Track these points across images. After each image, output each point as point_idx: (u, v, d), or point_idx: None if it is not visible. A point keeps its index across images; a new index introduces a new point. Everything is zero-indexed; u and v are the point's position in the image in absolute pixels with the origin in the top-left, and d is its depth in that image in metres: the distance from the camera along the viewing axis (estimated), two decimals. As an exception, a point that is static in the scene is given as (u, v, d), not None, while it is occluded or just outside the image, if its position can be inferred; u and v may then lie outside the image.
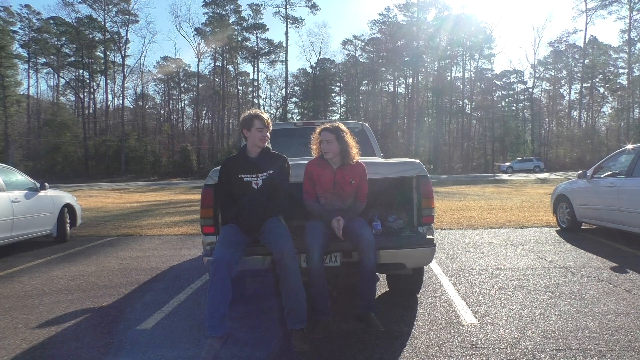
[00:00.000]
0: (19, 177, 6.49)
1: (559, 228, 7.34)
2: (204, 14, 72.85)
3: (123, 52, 53.56)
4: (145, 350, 2.78)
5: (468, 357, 2.58)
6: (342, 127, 3.18)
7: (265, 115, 3.11)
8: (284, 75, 59.75)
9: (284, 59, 58.81)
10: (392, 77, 61.19)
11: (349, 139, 3.16)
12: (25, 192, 6.27)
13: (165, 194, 21.82)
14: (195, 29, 56.10)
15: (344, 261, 3.08)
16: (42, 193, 6.62)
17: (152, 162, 50.69)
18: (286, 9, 56.40)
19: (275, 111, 61.08)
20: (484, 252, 5.57)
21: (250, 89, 62.19)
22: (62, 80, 56.41)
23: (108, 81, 56.11)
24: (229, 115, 59.72)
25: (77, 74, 55.48)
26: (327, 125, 3.18)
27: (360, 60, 61.40)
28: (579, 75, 55.39)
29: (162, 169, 49.54)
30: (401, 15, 57.95)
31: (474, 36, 54.31)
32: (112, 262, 5.56)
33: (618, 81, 55.28)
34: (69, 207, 7.29)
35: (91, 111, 54.78)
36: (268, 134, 3.09)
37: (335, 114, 63.21)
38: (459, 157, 54.42)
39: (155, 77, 59.50)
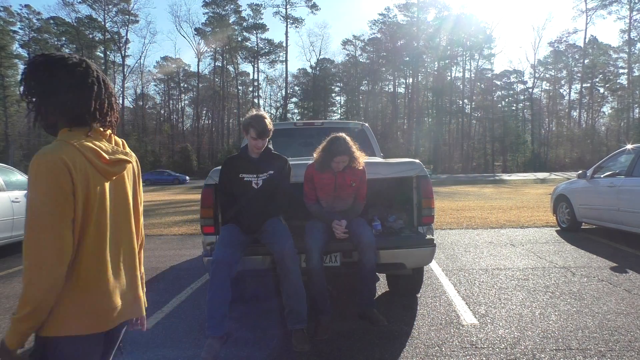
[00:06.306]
0: (19, 177, 6.49)
1: (559, 228, 7.33)
2: (204, 14, 73.11)
3: (123, 52, 53.67)
4: (145, 350, 2.78)
5: (468, 357, 2.58)
6: (349, 141, 3.04)
7: (264, 122, 2.89)
8: (284, 75, 59.87)
9: (284, 59, 58.95)
10: (392, 77, 61.24)
11: (356, 150, 3.07)
12: (25, 192, 6.26)
13: (165, 194, 21.83)
14: (195, 29, 56.28)
15: (344, 261, 3.08)
16: (42, 193, 6.61)
17: (152, 162, 50.71)
18: (286, 9, 56.53)
19: (275, 111, 61.11)
20: (484, 252, 5.57)
21: (250, 89, 62.26)
22: (62, 80, 56.44)
23: (108, 81, 56.17)
24: (229, 115, 59.76)
25: (77, 74, 55.52)
26: (341, 149, 2.98)
27: (360, 60, 61.46)
28: (579, 75, 55.47)
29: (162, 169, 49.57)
30: (401, 15, 58.13)
31: (474, 36, 54.40)
32: (112, 262, 5.55)
33: (618, 81, 55.36)
34: (69, 207, 7.28)
35: (91, 111, 54.80)
36: (265, 141, 2.96)
37: (335, 114, 63.26)
38: (459, 157, 54.48)
39: (155, 77, 59.62)
